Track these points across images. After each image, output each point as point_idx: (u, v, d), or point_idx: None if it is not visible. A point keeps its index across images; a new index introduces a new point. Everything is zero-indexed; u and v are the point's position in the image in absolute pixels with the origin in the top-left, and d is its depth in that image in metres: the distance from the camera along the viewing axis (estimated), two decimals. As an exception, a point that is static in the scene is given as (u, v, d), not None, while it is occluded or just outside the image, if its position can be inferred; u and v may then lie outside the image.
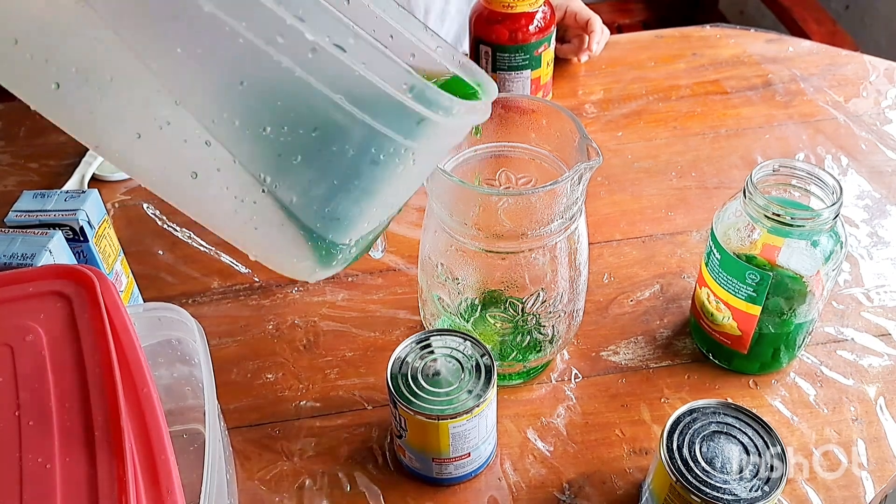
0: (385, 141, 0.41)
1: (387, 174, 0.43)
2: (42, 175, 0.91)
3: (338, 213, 0.43)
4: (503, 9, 0.88)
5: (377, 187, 0.43)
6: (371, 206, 0.45)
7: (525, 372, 0.66)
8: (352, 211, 0.44)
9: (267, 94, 0.39)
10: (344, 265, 0.48)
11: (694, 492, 0.49)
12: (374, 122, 0.40)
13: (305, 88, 0.38)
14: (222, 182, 0.42)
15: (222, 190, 0.42)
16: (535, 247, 0.57)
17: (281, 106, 0.40)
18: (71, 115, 0.41)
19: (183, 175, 0.41)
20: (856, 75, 1.03)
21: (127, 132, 0.40)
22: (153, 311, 0.53)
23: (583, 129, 0.56)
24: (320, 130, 0.40)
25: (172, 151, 0.41)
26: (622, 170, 0.89)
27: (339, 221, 0.44)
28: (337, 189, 0.42)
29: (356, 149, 0.41)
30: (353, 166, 0.41)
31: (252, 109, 0.40)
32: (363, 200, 0.44)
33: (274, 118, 0.40)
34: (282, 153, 0.40)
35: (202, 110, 0.39)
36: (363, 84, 0.38)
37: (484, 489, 0.60)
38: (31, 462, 0.40)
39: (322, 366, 0.69)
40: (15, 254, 0.57)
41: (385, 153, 0.42)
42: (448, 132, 0.45)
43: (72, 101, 0.40)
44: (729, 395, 0.65)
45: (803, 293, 0.61)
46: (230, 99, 0.39)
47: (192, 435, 0.59)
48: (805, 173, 0.60)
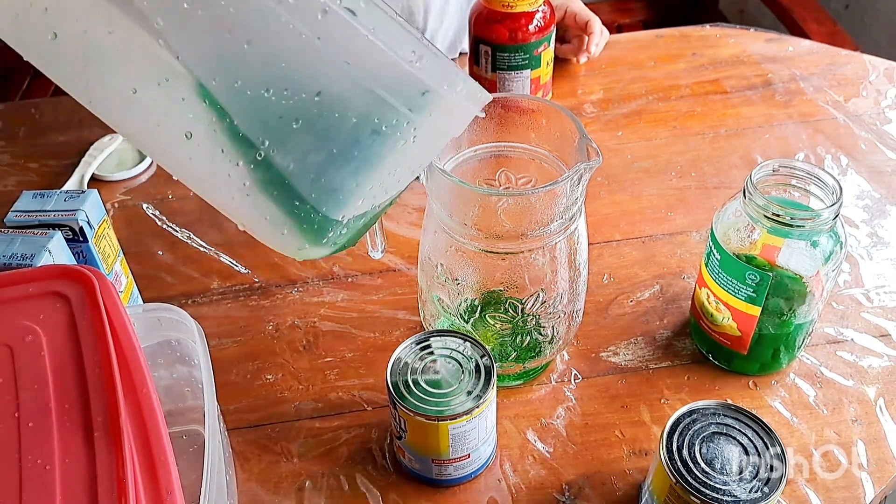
0: (388, 110, 0.40)
1: (387, 147, 0.42)
2: (42, 175, 0.91)
3: (334, 183, 0.42)
4: (503, 8, 0.88)
5: (376, 161, 0.43)
6: (368, 181, 0.44)
7: (525, 373, 0.66)
8: (348, 183, 0.43)
9: (272, 54, 0.38)
10: (332, 249, 0.47)
11: (693, 493, 0.49)
12: (379, 90, 0.39)
13: (312, 51, 0.37)
14: (217, 144, 0.41)
15: (216, 152, 0.41)
16: (535, 247, 0.57)
17: (285, 67, 0.39)
18: (66, 67, 0.40)
19: (177, 134, 0.40)
20: (856, 75, 1.03)
21: (122, 87, 0.39)
22: (153, 312, 0.53)
23: (583, 129, 0.56)
24: (323, 95, 0.39)
25: (168, 109, 0.40)
26: (622, 170, 0.89)
27: (335, 193, 0.43)
28: (335, 157, 0.42)
29: (358, 116, 0.40)
30: (353, 134, 0.41)
31: (255, 69, 0.39)
32: (361, 173, 0.43)
33: (277, 80, 0.39)
34: (282, 116, 0.39)
35: (204, 68, 0.38)
36: (371, 50, 0.38)
37: (483, 490, 0.60)
38: (31, 462, 0.40)
39: (322, 366, 0.69)
40: (15, 254, 0.57)
41: (387, 123, 0.41)
42: (449, 112, 0.44)
43: (68, 52, 0.39)
44: (729, 395, 0.65)
45: (803, 294, 0.61)
46: (234, 58, 0.38)
47: (191, 436, 0.59)
48: (805, 173, 0.60)
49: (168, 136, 0.41)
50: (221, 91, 0.39)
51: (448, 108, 0.43)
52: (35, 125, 1.00)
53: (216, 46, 0.38)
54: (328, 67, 0.38)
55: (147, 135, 0.42)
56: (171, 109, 0.40)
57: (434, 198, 0.58)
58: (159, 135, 0.41)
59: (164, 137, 0.41)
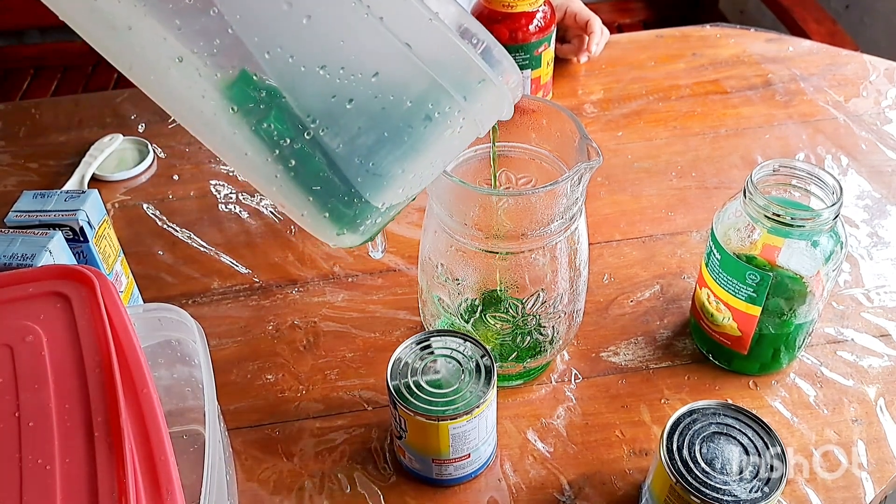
0: (444, 97, 0.39)
1: (435, 135, 0.41)
2: (42, 175, 0.91)
3: (381, 168, 0.42)
4: (503, 8, 0.88)
5: (423, 148, 0.42)
6: (413, 168, 0.43)
7: (525, 373, 0.66)
8: (394, 168, 0.42)
9: (331, 31, 0.37)
10: (365, 237, 0.46)
11: (694, 493, 0.49)
12: (438, 76, 0.38)
13: (373, 30, 0.36)
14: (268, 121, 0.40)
15: (264, 130, 0.40)
16: (535, 247, 0.57)
17: (344, 46, 0.38)
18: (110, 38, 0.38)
19: (219, 108, 0.39)
20: (856, 75, 1.03)
21: (167, 56, 0.38)
22: (153, 312, 0.53)
23: (583, 129, 0.56)
24: (381, 77, 0.38)
25: (206, 83, 0.39)
26: (622, 170, 0.89)
27: (380, 178, 0.42)
28: (386, 141, 0.41)
29: (414, 100, 0.39)
30: (407, 119, 0.40)
31: (313, 46, 0.38)
32: (408, 159, 0.42)
33: (334, 58, 0.38)
34: (336, 95, 0.38)
35: (259, 41, 0.37)
36: (433, 33, 0.37)
37: (484, 490, 0.60)
38: (31, 462, 0.40)
39: (322, 367, 0.69)
40: (15, 254, 0.57)
41: (440, 110, 0.40)
42: (493, 104, 0.43)
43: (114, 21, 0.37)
44: (729, 395, 0.65)
45: (803, 293, 0.61)
46: (291, 32, 0.37)
47: (192, 436, 0.59)
48: (805, 173, 0.60)
49: (208, 110, 0.40)
50: (275, 66, 0.37)
51: (495, 100, 0.42)
52: (35, 125, 1.00)
53: (274, 18, 0.37)
54: (388, 48, 0.37)
55: (187, 108, 0.41)
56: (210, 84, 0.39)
57: (434, 198, 0.58)
58: (201, 106, 0.40)
59: (205, 111, 0.40)
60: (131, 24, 0.37)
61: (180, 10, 0.36)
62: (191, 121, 0.41)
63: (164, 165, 0.92)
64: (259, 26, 0.37)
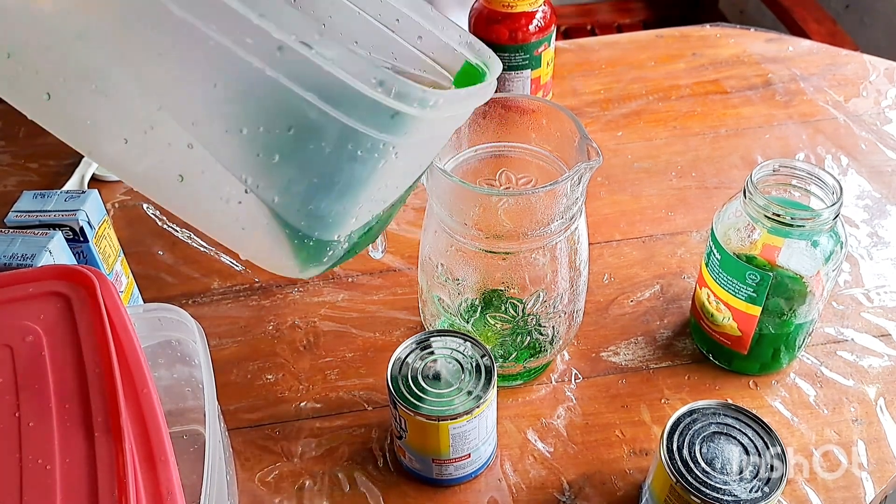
0: (360, 137, 0.41)
1: (367, 170, 0.42)
2: (42, 175, 0.91)
3: (320, 211, 0.43)
4: (503, 8, 0.88)
5: (358, 184, 0.43)
6: (355, 202, 0.44)
7: (525, 373, 0.66)
8: (335, 208, 0.44)
9: (240, 94, 0.40)
10: (335, 262, 0.47)
11: (694, 492, 0.49)
12: (347, 119, 0.40)
13: (276, 87, 0.38)
14: (207, 183, 0.42)
15: (208, 191, 0.42)
16: (536, 247, 0.57)
17: (255, 106, 0.40)
18: (63, 123, 0.42)
19: (170, 178, 0.42)
20: (856, 75, 1.03)
21: (115, 138, 0.41)
22: (153, 312, 0.53)
23: (583, 129, 0.56)
24: (295, 129, 0.40)
25: (158, 155, 0.42)
26: (622, 170, 0.89)
27: (324, 219, 0.44)
28: (317, 187, 0.42)
29: (332, 146, 0.41)
30: (331, 163, 0.41)
31: (227, 110, 0.40)
32: (346, 197, 0.44)
33: (249, 118, 0.40)
34: (260, 153, 0.40)
35: (182, 113, 0.40)
36: (332, 81, 0.38)
37: (484, 490, 0.60)
38: (31, 462, 0.40)
39: (322, 366, 0.69)
40: (15, 254, 0.57)
41: (363, 149, 0.41)
42: (432, 123, 0.44)
43: (62, 109, 0.41)
44: (729, 395, 0.65)
45: (803, 293, 0.61)
46: (206, 101, 0.40)
47: (192, 436, 0.59)
48: (805, 173, 0.60)
49: (163, 181, 0.43)
50: (201, 133, 0.40)
51: (428, 123, 0.43)
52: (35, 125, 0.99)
53: (189, 91, 0.40)
54: (294, 102, 0.39)
55: (145, 180, 0.44)
56: (160, 155, 0.42)
57: (434, 198, 0.58)
58: (155, 180, 0.43)
59: (159, 182, 0.43)
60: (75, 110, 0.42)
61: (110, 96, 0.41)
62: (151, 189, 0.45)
63: (164, 165, 0.92)
64: (180, 99, 0.40)
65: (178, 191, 0.42)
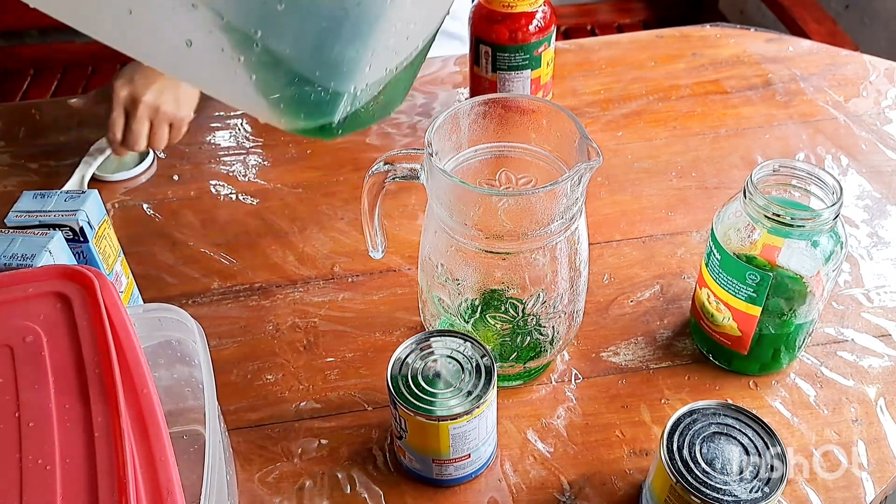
0: None
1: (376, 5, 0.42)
2: (42, 175, 0.91)
3: (332, 57, 0.43)
4: (503, 8, 0.88)
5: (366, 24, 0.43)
6: (366, 47, 0.44)
7: (525, 373, 0.66)
8: (347, 52, 0.43)
9: None
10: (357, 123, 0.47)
11: (694, 493, 0.49)
12: None
13: None
14: (216, 45, 0.41)
15: (219, 53, 0.41)
16: (536, 247, 0.57)
17: None
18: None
19: (179, 44, 0.41)
20: (856, 75, 1.03)
21: (119, 8, 0.39)
22: (153, 312, 0.53)
23: (583, 129, 0.56)
24: None
25: (164, 21, 0.40)
26: (622, 170, 0.89)
27: (338, 67, 0.43)
28: (327, 31, 0.42)
29: None
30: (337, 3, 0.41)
31: None
32: (357, 40, 0.43)
33: None
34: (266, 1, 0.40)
35: None
36: None
37: (484, 490, 0.60)
38: (31, 462, 0.40)
39: (322, 367, 0.69)
40: (15, 254, 0.57)
41: None
42: None
43: None
44: (729, 395, 0.65)
45: (803, 294, 0.61)
46: None
47: (192, 436, 0.59)
48: (805, 173, 0.60)
49: (172, 48, 0.41)
50: None
51: None
52: (35, 125, 1.00)
53: None
54: None
55: (154, 50, 0.42)
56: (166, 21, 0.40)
57: (434, 198, 0.58)
58: (165, 49, 0.41)
59: (169, 50, 0.41)
60: None
61: None
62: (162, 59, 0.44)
63: (164, 166, 0.92)
64: None
65: (189, 57, 0.41)
